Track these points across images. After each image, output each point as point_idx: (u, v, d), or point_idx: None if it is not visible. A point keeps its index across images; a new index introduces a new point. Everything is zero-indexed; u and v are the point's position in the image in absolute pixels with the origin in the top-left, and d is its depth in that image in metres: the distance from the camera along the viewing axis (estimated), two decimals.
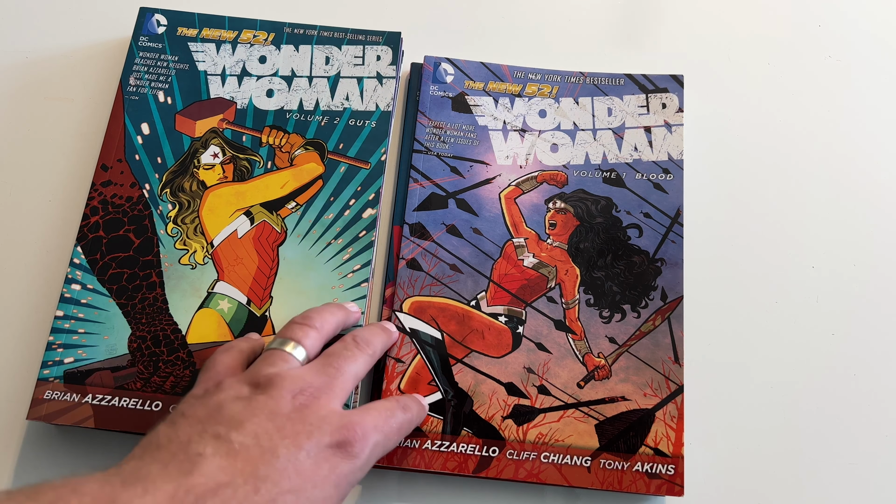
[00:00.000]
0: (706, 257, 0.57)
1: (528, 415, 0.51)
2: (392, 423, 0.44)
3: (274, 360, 0.43)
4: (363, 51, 0.61)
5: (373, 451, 0.41)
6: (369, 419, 0.42)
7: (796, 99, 0.64)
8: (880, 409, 0.54)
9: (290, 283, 0.53)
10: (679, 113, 0.60)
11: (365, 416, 0.42)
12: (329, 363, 0.44)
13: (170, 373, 0.50)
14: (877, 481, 0.52)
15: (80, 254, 0.53)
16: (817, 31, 0.67)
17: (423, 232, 0.56)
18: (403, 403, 0.46)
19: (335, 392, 0.42)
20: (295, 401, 0.40)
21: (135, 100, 0.58)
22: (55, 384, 0.49)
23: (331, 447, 0.39)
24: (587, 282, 0.55)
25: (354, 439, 0.40)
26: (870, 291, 0.57)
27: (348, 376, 0.44)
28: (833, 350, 0.55)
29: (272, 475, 0.36)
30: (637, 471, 0.49)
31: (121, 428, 0.48)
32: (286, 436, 0.38)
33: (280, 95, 0.59)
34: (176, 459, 0.36)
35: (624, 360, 0.52)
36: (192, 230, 0.54)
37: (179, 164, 0.56)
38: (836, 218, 0.60)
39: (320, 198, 0.56)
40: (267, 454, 0.37)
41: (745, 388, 0.54)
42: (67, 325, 0.51)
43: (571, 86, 0.61)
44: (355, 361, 0.45)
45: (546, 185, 0.58)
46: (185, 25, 0.61)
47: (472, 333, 0.53)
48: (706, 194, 0.60)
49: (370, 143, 0.57)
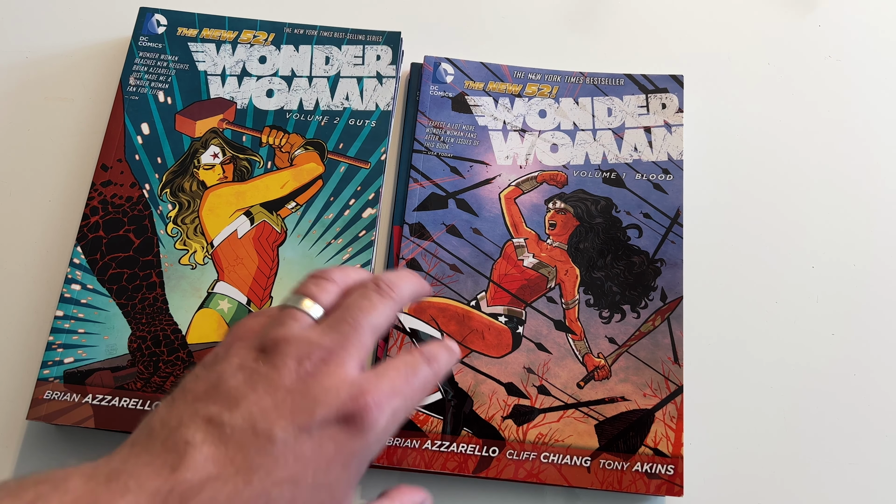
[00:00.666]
0: (706, 257, 0.57)
1: (527, 415, 0.51)
2: (414, 383, 0.37)
3: (284, 320, 0.38)
4: (363, 51, 0.61)
5: (392, 419, 0.36)
6: (385, 383, 0.36)
7: (796, 99, 0.64)
8: (880, 409, 0.54)
9: (290, 283, 0.53)
10: (679, 113, 0.60)
11: (380, 380, 0.36)
12: (343, 317, 0.37)
13: (170, 373, 0.50)
14: (877, 481, 0.52)
15: (80, 254, 0.53)
16: (817, 31, 0.67)
17: (423, 232, 0.56)
18: (429, 354, 0.39)
19: (349, 352, 0.36)
20: (300, 369, 0.35)
21: (135, 100, 0.58)
22: (55, 384, 0.49)
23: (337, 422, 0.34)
24: (587, 282, 0.55)
25: (365, 410, 0.34)
26: (870, 291, 0.57)
27: (366, 330, 0.37)
28: (833, 350, 0.55)
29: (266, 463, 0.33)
30: (637, 471, 0.49)
31: (121, 428, 0.48)
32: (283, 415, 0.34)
33: (280, 95, 0.59)
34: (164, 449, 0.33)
35: (624, 361, 0.52)
36: (192, 230, 0.54)
37: (179, 165, 0.56)
38: (836, 218, 0.60)
39: (320, 198, 0.56)
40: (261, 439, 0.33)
41: (745, 388, 0.54)
42: (67, 325, 0.51)
43: (571, 86, 0.61)
44: (375, 310, 0.38)
45: (546, 186, 0.58)
46: (185, 25, 0.61)
47: (472, 333, 0.53)
48: (706, 194, 0.60)
49: (370, 142, 0.57)
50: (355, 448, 0.35)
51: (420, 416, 0.50)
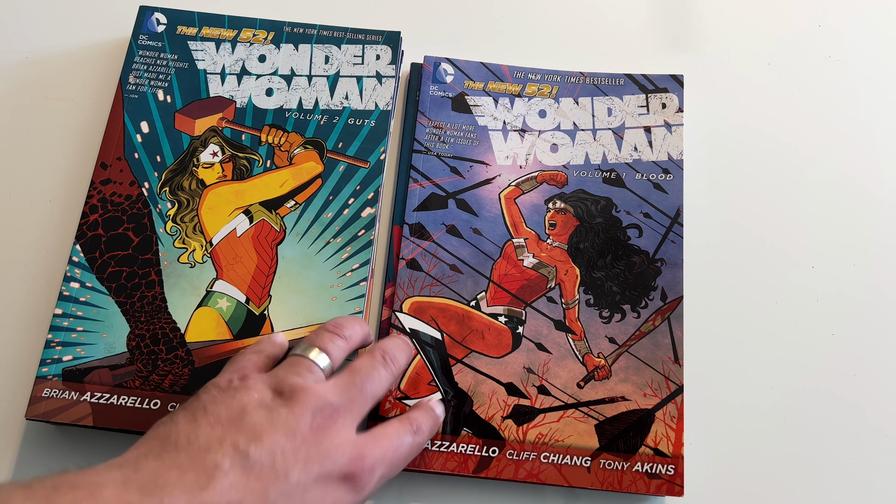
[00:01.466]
0: (706, 257, 0.57)
1: (527, 415, 0.50)
2: (400, 452, 0.43)
3: (299, 370, 0.43)
4: (363, 50, 0.61)
5: (378, 483, 0.42)
6: (379, 451, 0.42)
7: (796, 99, 0.64)
8: (880, 409, 0.54)
9: (289, 281, 0.53)
10: (679, 113, 0.60)
11: (376, 446, 0.42)
12: (353, 382, 0.43)
13: (168, 371, 0.50)
14: (877, 481, 0.52)
15: (79, 252, 0.53)
16: (817, 31, 0.67)
17: (422, 232, 0.55)
18: (417, 425, 0.45)
19: (353, 414, 0.42)
20: (314, 421, 0.40)
21: (134, 98, 0.58)
22: (54, 382, 0.49)
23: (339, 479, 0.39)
24: (587, 282, 0.55)
25: (362, 473, 0.40)
26: (870, 291, 0.57)
27: (368, 397, 0.43)
28: (833, 350, 0.55)
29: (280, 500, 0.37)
30: (637, 471, 0.49)
31: (119, 426, 0.48)
32: (299, 459, 0.38)
33: (279, 94, 0.59)
34: (194, 468, 0.36)
35: (624, 361, 0.52)
36: (191, 229, 0.54)
37: (179, 163, 0.56)
38: (835, 218, 0.60)
39: (319, 197, 0.56)
40: (280, 476, 0.37)
41: (745, 388, 0.54)
42: (66, 323, 0.51)
43: (571, 86, 0.61)
44: (379, 382, 0.44)
45: (546, 186, 0.58)
46: (185, 24, 0.61)
47: (472, 334, 0.53)
48: (706, 194, 0.59)
49: (369, 141, 0.57)
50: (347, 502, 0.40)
51: None
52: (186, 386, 0.49)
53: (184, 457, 0.36)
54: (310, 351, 0.44)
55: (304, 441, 0.39)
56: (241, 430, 0.38)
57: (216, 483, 0.36)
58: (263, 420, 0.39)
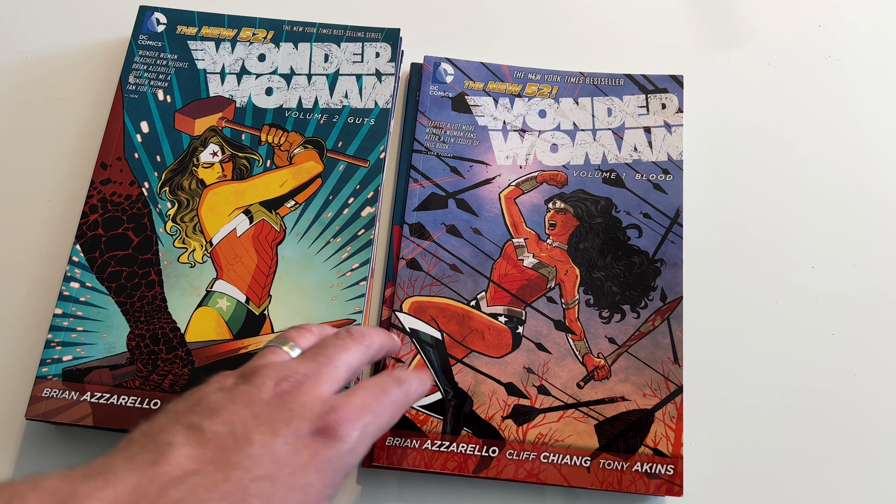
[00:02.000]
0: (706, 258, 0.57)
1: (527, 415, 0.50)
2: (384, 400, 0.40)
3: (264, 353, 0.41)
4: (362, 48, 0.61)
5: (364, 433, 0.39)
6: (356, 400, 0.39)
7: (796, 99, 0.64)
8: (880, 409, 0.54)
9: (289, 281, 0.53)
10: (679, 113, 0.60)
11: (350, 397, 0.39)
12: (318, 352, 0.41)
13: (168, 371, 0.50)
14: (877, 481, 0.52)
15: (79, 252, 0.53)
16: (817, 31, 0.67)
17: (422, 232, 0.55)
18: (397, 376, 0.42)
19: (323, 378, 0.40)
20: (277, 388, 0.38)
21: (134, 98, 0.58)
22: (54, 382, 0.49)
23: (312, 434, 0.37)
24: (587, 282, 0.55)
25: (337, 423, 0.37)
26: (870, 291, 0.57)
27: (339, 364, 0.41)
28: (833, 350, 0.55)
29: (244, 462, 0.35)
30: (636, 471, 0.49)
31: (119, 426, 0.48)
32: (262, 422, 0.36)
33: (279, 93, 0.59)
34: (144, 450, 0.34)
35: (623, 361, 0.52)
36: (191, 228, 0.54)
37: (178, 163, 0.56)
38: (836, 218, 0.60)
39: (319, 196, 0.56)
40: (240, 441, 0.35)
41: (745, 388, 0.54)
42: (66, 323, 0.51)
43: (571, 86, 0.61)
44: (347, 350, 0.42)
45: (546, 186, 0.58)
46: (185, 24, 0.61)
47: (472, 333, 0.53)
48: (706, 195, 0.59)
49: (369, 140, 0.57)
50: (329, 456, 0.37)
51: (420, 416, 0.50)
52: (186, 386, 0.49)
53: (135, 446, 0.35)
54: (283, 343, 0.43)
55: (268, 405, 0.37)
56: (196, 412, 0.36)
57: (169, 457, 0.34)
58: (221, 398, 0.37)
